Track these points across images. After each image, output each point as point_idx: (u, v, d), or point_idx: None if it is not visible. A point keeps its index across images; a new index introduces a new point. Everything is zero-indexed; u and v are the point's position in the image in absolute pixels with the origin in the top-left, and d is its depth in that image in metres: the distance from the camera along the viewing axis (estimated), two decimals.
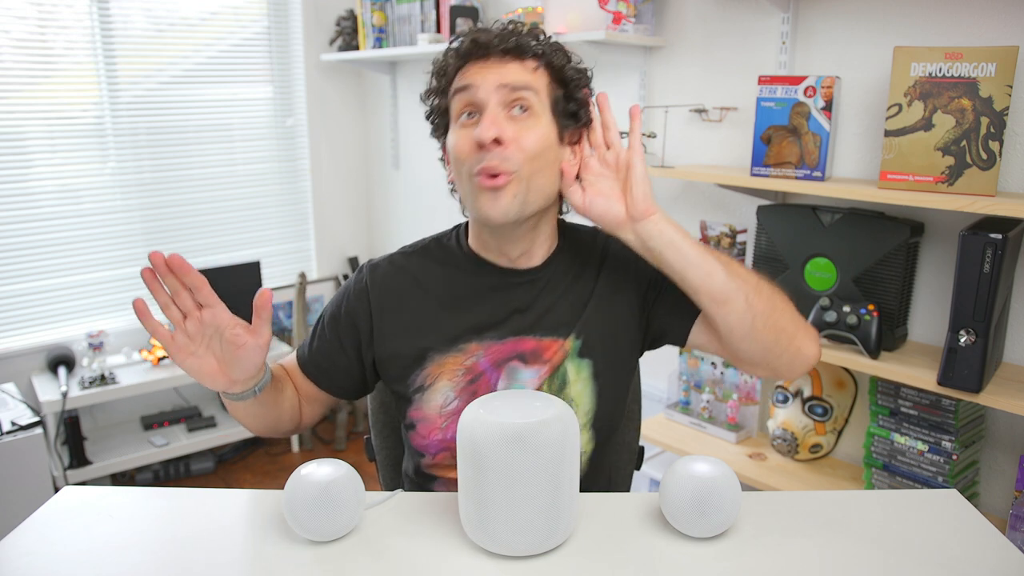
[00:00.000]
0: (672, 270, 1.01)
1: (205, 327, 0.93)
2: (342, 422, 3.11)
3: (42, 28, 2.58)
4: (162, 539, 0.92)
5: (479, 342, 1.06)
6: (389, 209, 3.36)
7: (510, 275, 1.08)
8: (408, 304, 1.09)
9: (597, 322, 1.08)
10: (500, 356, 1.06)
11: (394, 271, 1.11)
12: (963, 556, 0.88)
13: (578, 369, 1.07)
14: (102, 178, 2.77)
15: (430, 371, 1.06)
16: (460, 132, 1.00)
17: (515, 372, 1.06)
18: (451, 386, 1.06)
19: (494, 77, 0.97)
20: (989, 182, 1.44)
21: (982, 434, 1.67)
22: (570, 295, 1.09)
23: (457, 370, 1.06)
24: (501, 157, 0.95)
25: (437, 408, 1.06)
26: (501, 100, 0.97)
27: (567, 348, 1.07)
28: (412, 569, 0.86)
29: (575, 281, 1.10)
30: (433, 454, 1.10)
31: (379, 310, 1.09)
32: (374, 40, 2.84)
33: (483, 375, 1.06)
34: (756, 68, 1.94)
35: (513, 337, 1.06)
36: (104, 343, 2.66)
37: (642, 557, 0.88)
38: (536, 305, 1.07)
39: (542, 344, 1.06)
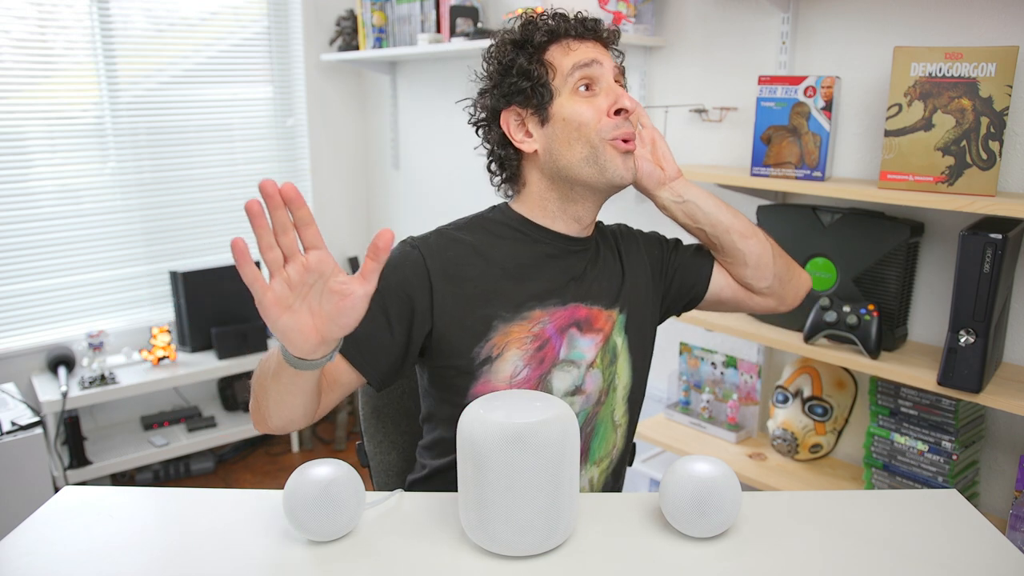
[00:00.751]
0: (706, 216, 1.18)
1: (310, 273, 0.79)
2: (342, 422, 3.11)
3: (42, 28, 2.58)
4: (162, 539, 0.92)
5: (543, 308, 1.07)
6: (389, 209, 3.36)
7: (568, 242, 1.11)
8: (470, 273, 1.06)
9: (634, 297, 1.16)
10: (563, 322, 1.08)
11: (447, 243, 1.07)
12: (963, 556, 0.88)
13: (622, 343, 1.14)
14: (102, 178, 2.77)
15: (496, 341, 1.04)
16: (584, 102, 1.04)
17: (574, 339, 1.09)
18: (520, 355, 1.05)
19: (605, 58, 1.06)
20: (989, 182, 1.44)
21: (982, 434, 1.67)
22: (608, 269, 1.16)
23: (525, 338, 1.05)
24: (631, 124, 1.07)
25: (507, 379, 1.05)
26: (615, 77, 1.07)
27: (614, 319, 1.13)
28: (412, 569, 0.86)
29: (610, 257, 1.18)
30: None
31: (440, 280, 1.04)
32: (374, 40, 2.84)
33: (549, 341, 1.07)
34: (756, 68, 1.94)
35: (573, 303, 1.10)
36: (104, 343, 2.66)
37: (642, 557, 0.88)
38: (587, 274, 1.12)
39: (592, 312, 1.11)
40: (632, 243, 1.22)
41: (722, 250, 1.21)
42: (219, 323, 2.87)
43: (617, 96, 1.04)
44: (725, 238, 1.18)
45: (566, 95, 1.04)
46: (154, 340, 2.76)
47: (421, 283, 1.03)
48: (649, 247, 1.23)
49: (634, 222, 2.31)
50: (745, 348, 2.08)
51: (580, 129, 1.04)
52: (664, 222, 1.29)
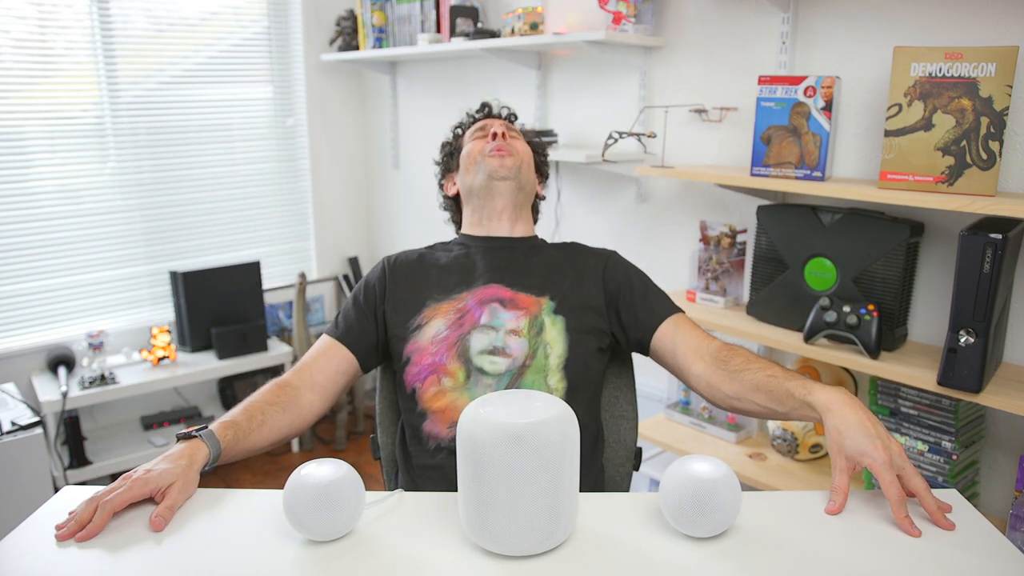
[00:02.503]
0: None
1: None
2: (342, 422, 3.11)
3: (42, 28, 2.58)
4: (162, 539, 0.92)
5: (469, 291, 1.31)
6: (389, 209, 3.36)
7: (495, 241, 1.38)
8: (415, 271, 1.37)
9: (572, 294, 1.32)
10: (483, 297, 1.29)
11: (407, 255, 1.42)
12: (963, 556, 0.88)
13: (553, 321, 1.28)
14: (102, 178, 2.77)
15: (426, 314, 1.29)
16: (474, 142, 1.43)
17: (496, 312, 1.27)
18: (443, 322, 1.28)
19: (498, 124, 1.43)
20: (989, 182, 1.44)
21: (982, 434, 1.67)
22: (544, 267, 1.35)
23: (449, 312, 1.29)
24: (507, 145, 1.39)
25: (430, 339, 1.26)
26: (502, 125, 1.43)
27: (542, 304, 1.30)
28: (412, 569, 0.86)
29: (552, 263, 1.37)
30: (423, 379, 1.24)
31: (392, 276, 1.37)
32: (374, 40, 2.84)
33: (470, 312, 1.28)
34: (756, 68, 1.94)
35: (495, 284, 1.31)
36: (104, 343, 2.66)
37: (642, 557, 0.88)
38: (514, 266, 1.34)
39: (518, 296, 1.30)
40: (596, 262, 1.38)
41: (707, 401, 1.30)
42: (219, 323, 2.87)
43: (492, 126, 1.42)
44: (771, 416, 1.18)
45: (467, 142, 1.45)
46: (154, 340, 2.76)
47: (381, 280, 1.37)
48: (614, 272, 1.37)
49: (634, 222, 2.32)
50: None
51: (470, 157, 1.41)
52: (667, 222, 1.29)
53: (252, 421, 1.15)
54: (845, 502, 0.98)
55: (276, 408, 1.19)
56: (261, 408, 1.17)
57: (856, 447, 0.97)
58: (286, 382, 1.25)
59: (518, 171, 1.38)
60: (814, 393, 1.05)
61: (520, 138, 1.46)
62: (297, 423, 1.23)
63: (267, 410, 1.18)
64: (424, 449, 1.23)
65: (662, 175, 1.93)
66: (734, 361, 1.20)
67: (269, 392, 1.22)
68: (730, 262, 2.01)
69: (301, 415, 1.24)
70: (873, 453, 0.96)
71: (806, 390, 1.07)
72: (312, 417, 1.27)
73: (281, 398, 1.21)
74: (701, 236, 2.04)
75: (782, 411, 1.12)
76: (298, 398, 1.24)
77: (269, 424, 1.17)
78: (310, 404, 1.26)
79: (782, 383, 1.11)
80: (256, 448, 1.16)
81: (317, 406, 1.28)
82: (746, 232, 2.03)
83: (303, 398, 1.25)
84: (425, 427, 1.23)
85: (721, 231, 2.01)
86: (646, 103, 2.21)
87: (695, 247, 2.09)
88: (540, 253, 1.39)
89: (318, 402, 1.28)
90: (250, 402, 1.19)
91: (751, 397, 1.16)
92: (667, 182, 2.23)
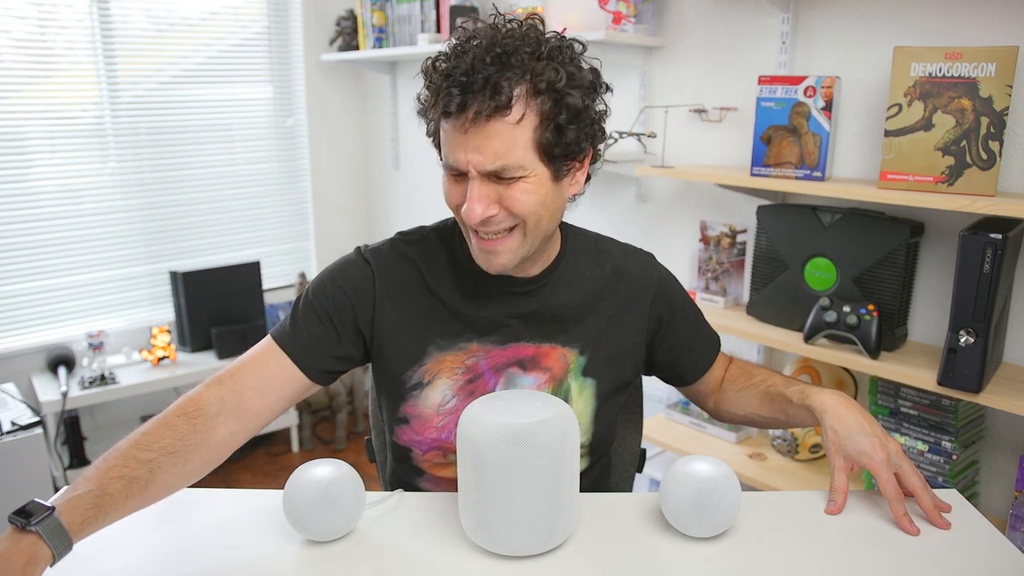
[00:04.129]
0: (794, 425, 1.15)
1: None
2: (342, 422, 3.11)
3: (42, 28, 2.58)
4: (162, 539, 0.92)
5: (480, 343, 1.06)
6: (389, 209, 3.36)
7: (512, 284, 1.06)
8: (412, 294, 1.07)
9: (607, 342, 1.09)
10: (500, 361, 1.06)
11: (398, 258, 1.09)
12: (963, 556, 0.88)
13: (581, 388, 1.08)
14: (102, 178, 2.77)
15: (429, 367, 1.05)
16: (450, 183, 0.96)
17: (514, 378, 1.06)
18: (450, 384, 1.05)
19: (474, 156, 0.90)
20: (989, 182, 1.44)
21: (982, 434, 1.67)
22: (575, 308, 1.08)
23: (457, 368, 1.05)
24: (495, 222, 0.95)
25: (435, 407, 1.05)
26: (485, 175, 0.92)
27: (569, 360, 1.07)
28: (412, 569, 0.86)
29: (586, 295, 1.09)
30: (424, 451, 1.08)
31: (384, 297, 1.06)
32: (374, 40, 2.84)
33: (482, 377, 1.06)
34: (756, 68, 1.94)
35: (514, 343, 1.06)
36: (104, 343, 2.66)
37: (642, 557, 0.88)
38: (538, 313, 1.07)
39: (541, 350, 1.07)
40: (640, 288, 1.12)
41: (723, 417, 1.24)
42: (219, 323, 2.87)
43: (468, 202, 0.92)
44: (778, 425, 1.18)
45: (443, 167, 0.97)
46: (154, 340, 2.75)
47: (366, 295, 1.06)
48: (659, 305, 1.14)
49: (634, 222, 2.32)
50: (745, 348, 2.08)
51: (449, 206, 0.99)
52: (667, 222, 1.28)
53: (132, 485, 0.84)
54: (845, 502, 0.98)
55: (173, 459, 0.89)
56: (150, 461, 0.87)
57: (854, 446, 0.97)
58: (199, 409, 0.93)
59: (518, 259, 0.99)
60: (811, 397, 1.05)
61: (520, 176, 0.92)
62: (204, 467, 0.93)
63: (159, 462, 0.87)
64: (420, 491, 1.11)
65: (662, 175, 1.93)
66: (739, 380, 1.20)
67: (169, 428, 0.90)
68: (730, 262, 2.01)
69: (212, 455, 0.94)
70: (871, 452, 0.96)
71: (803, 394, 1.07)
72: (227, 453, 0.96)
73: (185, 440, 0.90)
74: (701, 236, 2.04)
75: (784, 419, 1.12)
76: (211, 433, 0.93)
77: (159, 482, 0.87)
78: (228, 438, 0.96)
79: (781, 391, 1.11)
80: (137, 510, 0.87)
81: (239, 438, 0.97)
82: (746, 232, 2.03)
83: (218, 431, 0.94)
84: (422, 484, 1.11)
85: (721, 231, 2.01)
86: (646, 103, 2.21)
87: (695, 247, 2.09)
88: (572, 283, 1.09)
89: (241, 433, 0.97)
90: (135, 447, 0.87)
91: (756, 411, 1.16)
92: (667, 182, 2.23)
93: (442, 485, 1.09)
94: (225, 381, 0.98)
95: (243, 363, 1.01)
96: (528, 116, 0.90)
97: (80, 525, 0.79)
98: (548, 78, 0.89)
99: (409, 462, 1.10)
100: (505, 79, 0.88)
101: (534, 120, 0.91)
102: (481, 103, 0.88)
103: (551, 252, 1.08)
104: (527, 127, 0.90)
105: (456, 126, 0.91)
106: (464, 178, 0.94)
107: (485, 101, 0.88)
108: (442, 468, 1.09)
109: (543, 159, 0.93)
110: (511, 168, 0.91)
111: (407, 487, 1.13)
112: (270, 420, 1.02)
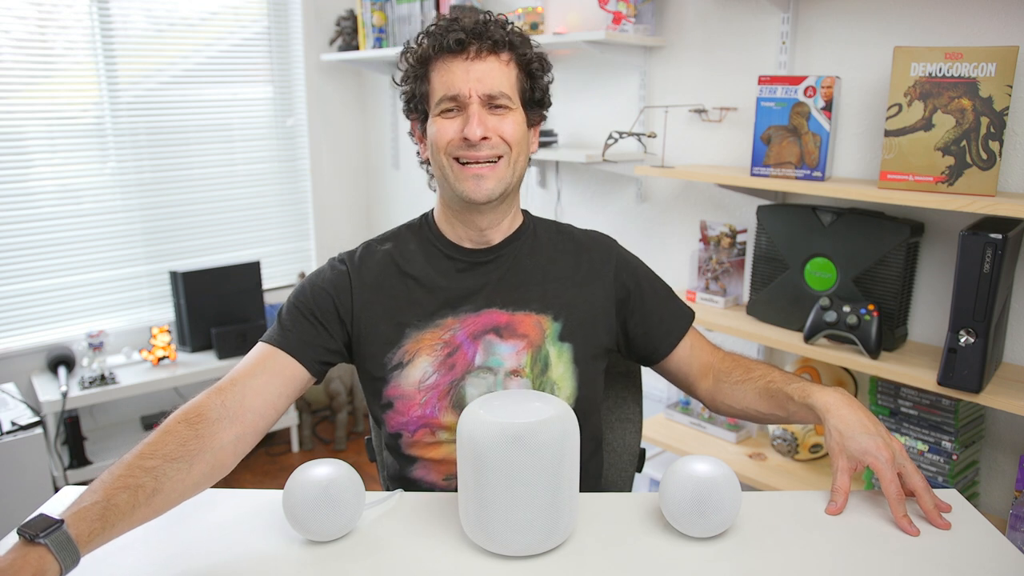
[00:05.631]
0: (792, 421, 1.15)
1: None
2: (342, 422, 3.11)
3: (42, 28, 2.58)
4: (162, 539, 0.92)
5: (455, 316, 1.11)
6: (389, 209, 3.36)
7: (479, 255, 1.14)
8: (387, 283, 1.13)
9: (578, 308, 1.14)
10: (476, 328, 1.11)
11: (370, 255, 1.16)
12: (963, 556, 0.88)
13: (559, 352, 1.12)
14: (102, 178, 2.77)
15: (407, 348, 1.10)
16: (443, 123, 1.07)
17: (492, 345, 1.10)
18: (430, 361, 1.09)
19: (476, 83, 1.05)
20: (989, 182, 1.44)
21: (982, 434, 1.67)
22: (540, 274, 1.15)
23: (435, 344, 1.10)
24: (488, 147, 1.06)
25: (416, 383, 1.09)
26: (483, 103, 1.06)
27: (544, 326, 1.12)
28: (412, 569, 0.86)
29: (550, 263, 1.17)
30: (412, 431, 1.10)
31: (360, 289, 1.12)
32: (374, 40, 2.84)
33: (460, 348, 1.10)
34: (756, 68, 1.94)
35: (487, 309, 1.12)
36: (104, 343, 2.66)
37: (642, 557, 0.88)
38: (506, 279, 1.14)
39: (515, 318, 1.12)
40: (601, 259, 1.19)
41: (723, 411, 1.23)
42: (219, 323, 2.87)
43: (468, 124, 1.05)
44: (776, 421, 1.17)
45: (433, 115, 1.09)
46: (154, 340, 2.76)
47: (344, 289, 1.13)
48: (623, 275, 1.19)
49: (634, 222, 2.32)
50: (745, 348, 2.08)
51: (436, 148, 1.09)
52: (667, 222, 1.28)
53: (138, 494, 0.84)
54: (846, 502, 0.98)
55: (177, 465, 0.89)
56: (155, 468, 0.87)
57: (858, 446, 0.97)
58: (201, 415, 0.94)
59: (503, 187, 1.08)
60: (813, 395, 1.05)
61: (509, 108, 1.07)
62: (210, 474, 0.94)
63: (163, 469, 0.88)
64: (415, 486, 1.14)
65: (662, 175, 1.93)
66: (736, 373, 1.19)
67: (171, 435, 0.91)
68: (730, 262, 2.01)
69: (217, 460, 0.94)
70: (875, 452, 0.96)
71: (805, 393, 1.07)
72: (235, 459, 0.97)
73: (187, 446, 0.91)
74: (701, 236, 2.04)
75: (784, 416, 1.12)
76: (214, 438, 0.94)
77: (166, 490, 0.87)
78: (233, 443, 0.96)
79: (782, 388, 1.11)
80: (146, 520, 0.87)
81: (245, 440, 0.98)
82: (746, 232, 2.03)
83: (222, 436, 0.95)
84: (416, 472, 1.13)
85: (721, 231, 2.01)
86: (646, 103, 2.21)
87: (695, 247, 2.09)
88: (535, 250, 1.17)
89: (248, 435, 0.98)
90: (139, 456, 0.88)
91: (754, 406, 1.16)
92: (667, 182, 2.23)
93: (434, 471, 1.11)
94: (225, 388, 1.00)
95: (240, 369, 1.04)
96: (512, 62, 1.09)
97: (88, 538, 0.79)
98: (521, 39, 1.11)
99: (400, 451, 1.13)
100: (498, 38, 1.07)
101: (516, 67, 1.10)
102: (480, 43, 1.06)
103: (513, 222, 1.17)
104: (512, 70, 1.09)
105: (459, 60, 1.06)
106: (456, 114, 1.06)
107: (484, 42, 1.06)
108: (432, 448, 1.11)
109: (522, 102, 1.11)
110: (505, 96, 1.07)
111: (404, 482, 1.14)
112: (274, 419, 1.04)
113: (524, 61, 1.10)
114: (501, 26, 1.09)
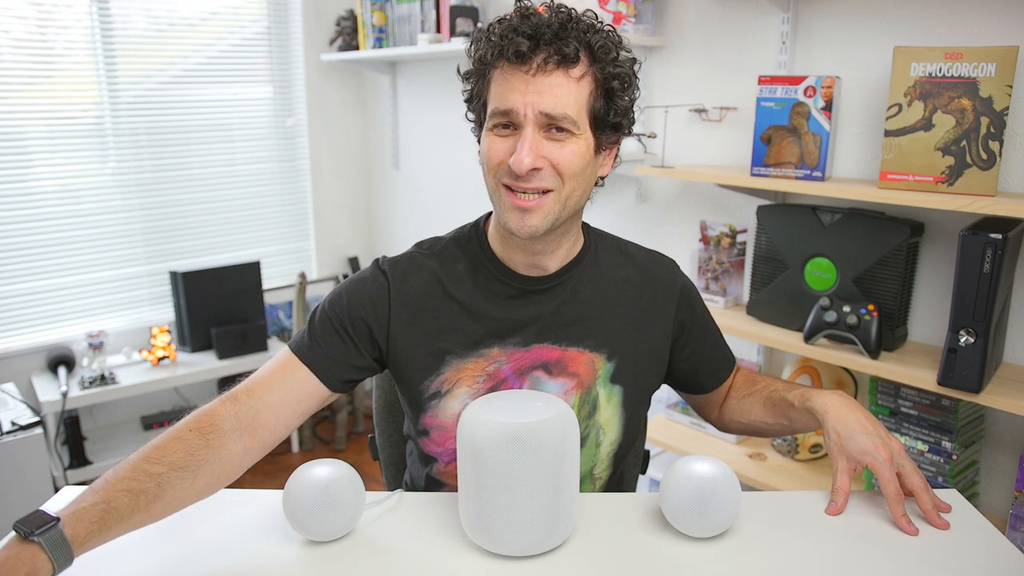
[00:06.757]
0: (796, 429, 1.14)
1: None
2: (342, 422, 3.11)
3: (42, 28, 2.57)
4: (162, 539, 0.92)
5: (502, 348, 1.03)
6: (389, 209, 3.36)
7: (533, 282, 1.04)
8: (430, 304, 1.04)
9: (634, 347, 1.08)
10: (523, 364, 1.03)
11: (415, 270, 1.06)
12: (963, 556, 0.88)
13: (609, 395, 1.06)
14: (102, 178, 2.77)
15: (447, 376, 1.03)
16: (494, 140, 0.95)
17: (539, 383, 1.03)
18: (470, 393, 1.02)
19: (535, 99, 0.91)
20: (989, 182, 1.44)
21: (982, 434, 1.67)
22: (599, 308, 1.07)
23: (478, 376, 1.03)
24: (538, 178, 0.94)
25: (454, 416, 1.02)
26: (540, 124, 0.93)
27: (596, 366, 1.05)
28: (412, 569, 0.86)
29: (610, 296, 1.08)
30: (447, 462, 1.06)
31: (399, 308, 1.04)
32: (374, 40, 2.84)
33: (505, 382, 1.03)
34: (756, 68, 1.94)
35: (537, 344, 1.03)
36: (104, 343, 2.65)
37: (642, 557, 0.88)
38: (561, 312, 1.05)
39: (567, 354, 1.04)
40: (665, 293, 1.11)
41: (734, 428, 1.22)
42: (219, 323, 2.87)
43: (517, 151, 0.91)
44: (781, 432, 1.17)
45: (486, 127, 0.97)
46: (154, 340, 2.75)
47: (382, 305, 1.04)
48: (682, 310, 1.13)
49: (634, 222, 2.32)
50: (745, 348, 2.08)
51: (485, 165, 0.97)
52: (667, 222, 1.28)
53: (140, 499, 0.82)
54: (846, 503, 0.98)
55: (183, 474, 0.86)
56: (160, 475, 0.85)
57: (857, 447, 0.97)
58: (213, 424, 0.91)
59: (549, 223, 0.96)
60: (812, 399, 1.05)
61: (572, 133, 0.93)
62: (215, 484, 0.91)
63: (168, 477, 0.85)
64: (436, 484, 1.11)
65: (662, 175, 1.93)
66: (742, 387, 1.20)
67: (181, 443, 0.88)
68: (730, 262, 2.01)
69: (223, 470, 0.92)
70: (874, 452, 0.96)
71: (804, 397, 1.07)
72: (240, 470, 0.94)
73: (196, 456, 0.88)
74: (701, 236, 2.04)
75: (788, 424, 1.12)
76: (223, 449, 0.91)
77: (168, 497, 0.85)
78: (241, 454, 0.93)
79: (783, 395, 1.11)
80: (144, 525, 0.85)
81: (252, 454, 0.95)
82: (746, 232, 2.03)
83: (231, 447, 0.92)
84: (446, 490, 1.09)
85: (721, 231, 2.01)
86: (646, 103, 2.21)
87: (695, 247, 2.09)
88: (595, 280, 1.07)
89: (255, 449, 0.95)
90: (145, 460, 0.85)
91: (761, 418, 1.16)
92: (667, 182, 2.23)
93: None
94: (240, 397, 0.96)
95: (259, 379, 0.99)
96: (586, 78, 0.94)
97: (84, 538, 0.78)
98: (605, 50, 0.94)
99: (432, 475, 1.09)
100: (570, 39, 0.91)
101: (590, 84, 0.94)
102: (549, 53, 0.91)
103: (573, 246, 1.06)
104: (584, 88, 0.93)
105: (520, 72, 0.92)
106: (511, 132, 0.94)
107: (552, 52, 0.91)
108: None
109: (591, 125, 0.96)
110: (567, 119, 0.92)
111: (422, 479, 1.12)
112: (284, 436, 1.00)
113: (602, 77, 0.95)
114: (583, 31, 0.93)
